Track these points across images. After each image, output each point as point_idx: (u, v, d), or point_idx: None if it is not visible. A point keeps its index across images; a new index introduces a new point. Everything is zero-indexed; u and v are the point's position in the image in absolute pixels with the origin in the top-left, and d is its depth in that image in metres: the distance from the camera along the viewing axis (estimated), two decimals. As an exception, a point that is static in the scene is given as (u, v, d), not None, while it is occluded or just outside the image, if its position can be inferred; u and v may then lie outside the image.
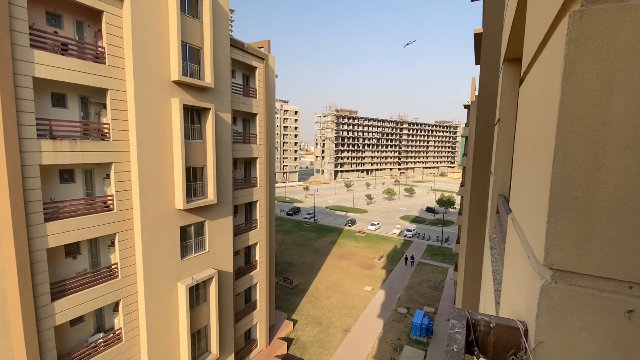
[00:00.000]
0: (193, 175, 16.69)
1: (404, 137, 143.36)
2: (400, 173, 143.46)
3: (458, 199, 67.05)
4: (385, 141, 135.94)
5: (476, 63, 16.90)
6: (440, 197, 69.51)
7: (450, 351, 1.20)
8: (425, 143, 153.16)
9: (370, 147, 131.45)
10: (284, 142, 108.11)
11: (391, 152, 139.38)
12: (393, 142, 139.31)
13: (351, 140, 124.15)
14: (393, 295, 34.55)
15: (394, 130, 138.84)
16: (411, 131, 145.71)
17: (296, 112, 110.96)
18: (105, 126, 13.59)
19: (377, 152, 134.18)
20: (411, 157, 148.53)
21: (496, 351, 1.36)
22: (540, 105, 1.32)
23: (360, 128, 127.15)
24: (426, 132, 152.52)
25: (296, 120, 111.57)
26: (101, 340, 14.14)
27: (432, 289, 36.24)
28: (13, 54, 10.47)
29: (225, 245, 19.24)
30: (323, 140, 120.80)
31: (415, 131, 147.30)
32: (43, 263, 11.73)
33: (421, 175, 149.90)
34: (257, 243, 23.27)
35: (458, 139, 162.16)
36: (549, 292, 1.09)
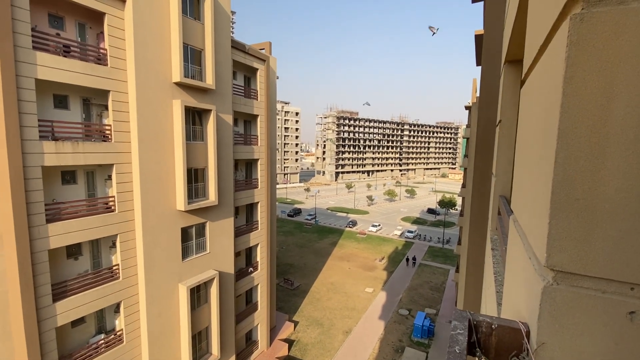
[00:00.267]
0: (194, 176, 16.72)
1: (405, 138, 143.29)
2: (401, 174, 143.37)
3: (459, 200, 66.95)
4: (386, 142, 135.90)
5: (477, 64, 16.91)
6: (441, 199, 69.50)
7: (452, 352, 1.20)
8: (426, 144, 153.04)
9: (371, 149, 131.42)
10: (285, 144, 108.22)
11: (392, 154, 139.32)
12: (394, 144, 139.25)
13: (352, 141, 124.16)
14: (394, 296, 34.48)
15: (395, 131, 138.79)
16: (412, 132, 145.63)
17: (297, 114, 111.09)
18: (107, 127, 13.63)
19: (378, 154, 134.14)
20: (412, 159, 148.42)
21: (498, 352, 1.37)
22: (541, 107, 1.32)
23: (361, 129, 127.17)
24: (427, 133, 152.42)
25: (297, 121, 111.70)
26: (102, 341, 14.15)
27: (434, 291, 36.16)
28: (16, 56, 10.52)
29: (226, 246, 19.25)
30: (324, 141, 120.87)
31: (416, 132, 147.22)
32: (45, 264, 11.76)
33: (422, 176, 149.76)
34: (258, 244, 23.27)
35: (459, 140, 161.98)
36: (551, 294, 1.09)
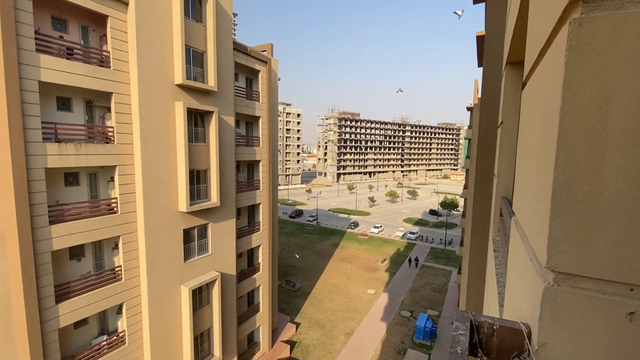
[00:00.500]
0: (196, 178, 16.77)
1: (407, 140, 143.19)
2: (403, 175, 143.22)
3: (461, 202, 66.81)
4: (388, 143, 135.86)
5: (479, 65, 16.91)
6: (443, 200, 69.40)
7: (454, 352, 1.21)
8: (428, 145, 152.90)
9: (372, 150, 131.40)
10: (287, 145, 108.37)
11: (394, 155, 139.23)
12: (396, 145, 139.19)
13: (354, 142, 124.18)
14: (396, 298, 34.40)
15: (397, 132, 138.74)
16: (414, 133, 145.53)
17: (299, 115, 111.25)
18: (109, 129, 13.70)
19: (380, 155, 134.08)
20: (414, 160, 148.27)
21: (499, 353, 1.37)
22: (541, 109, 1.33)
23: (362, 130, 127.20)
24: (429, 135, 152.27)
25: (299, 122, 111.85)
26: (105, 342, 14.18)
27: (436, 292, 36.05)
28: (19, 59, 10.60)
29: (228, 247, 19.27)
30: (325, 142, 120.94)
31: (418, 133, 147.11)
32: (47, 265, 11.81)
33: (424, 177, 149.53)
34: (260, 246, 23.28)
35: (461, 141, 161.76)
36: (552, 295, 1.10)
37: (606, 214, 0.99)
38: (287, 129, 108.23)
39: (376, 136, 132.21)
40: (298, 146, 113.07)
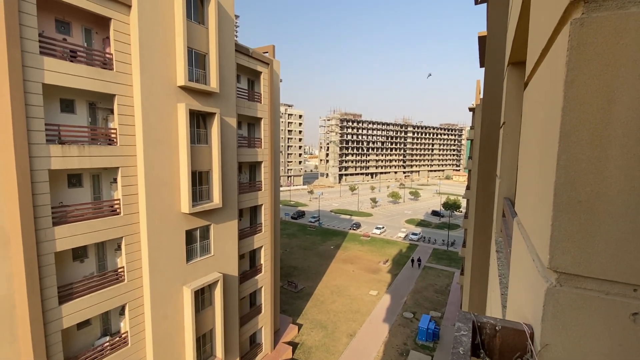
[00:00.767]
0: (199, 179, 16.82)
1: (409, 140, 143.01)
2: (405, 176, 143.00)
3: (464, 202, 66.62)
4: (389, 144, 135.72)
5: (481, 66, 16.89)
6: (445, 201, 69.19)
7: (456, 353, 1.21)
8: (430, 146, 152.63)
9: (374, 151, 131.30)
10: (289, 146, 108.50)
11: (396, 156, 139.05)
12: (398, 146, 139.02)
13: (355, 143, 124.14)
14: (399, 299, 34.31)
15: (399, 133, 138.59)
16: (416, 134, 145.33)
17: (300, 116, 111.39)
18: (112, 131, 13.77)
19: (382, 156, 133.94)
20: (416, 160, 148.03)
21: (502, 354, 1.37)
22: (543, 109, 1.33)
23: (364, 131, 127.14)
24: (431, 135, 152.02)
25: (300, 124, 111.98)
26: (107, 343, 14.22)
27: (438, 294, 35.93)
28: (23, 61, 10.68)
29: (230, 249, 19.29)
30: (327, 143, 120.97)
31: (420, 134, 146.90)
32: (51, 267, 11.86)
33: (426, 178, 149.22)
34: (262, 247, 23.30)
35: (463, 142, 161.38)
36: (554, 295, 1.09)
37: (609, 214, 0.99)
38: (289, 130, 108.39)
39: (378, 137, 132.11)
40: (300, 147, 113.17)
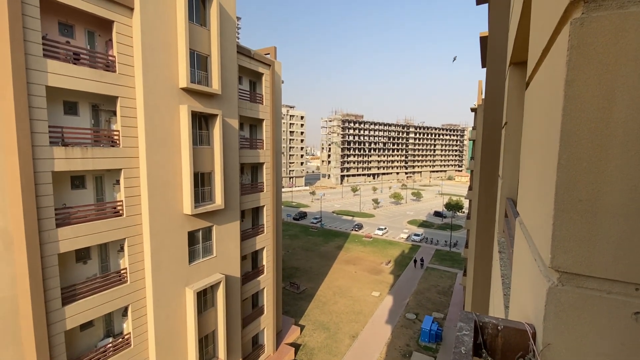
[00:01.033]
0: (201, 180, 16.86)
1: (411, 141, 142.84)
2: (407, 177, 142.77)
3: (466, 203, 66.41)
4: (391, 145, 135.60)
5: (482, 66, 16.85)
6: (448, 201, 68.96)
7: (458, 353, 1.21)
8: (432, 147, 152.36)
9: (376, 151, 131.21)
10: (290, 147, 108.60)
11: (398, 156, 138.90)
12: (399, 146, 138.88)
13: (357, 144, 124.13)
14: (401, 300, 34.22)
15: (401, 134, 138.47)
16: (418, 135, 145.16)
17: (302, 117, 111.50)
18: (115, 133, 13.83)
19: (384, 156, 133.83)
20: (418, 161, 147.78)
21: (504, 354, 1.37)
22: (544, 109, 1.33)
23: (366, 132, 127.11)
24: (433, 136, 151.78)
25: (302, 125, 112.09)
26: (110, 345, 14.25)
27: (441, 295, 35.81)
28: (27, 64, 10.76)
29: (232, 250, 19.32)
30: (329, 144, 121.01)
31: (422, 135, 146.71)
32: (54, 268, 11.91)
33: (428, 179, 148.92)
34: (264, 248, 23.31)
35: (465, 142, 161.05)
36: (556, 295, 1.09)
37: (610, 213, 0.99)
38: (291, 132, 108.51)
39: (380, 138, 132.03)
40: (302, 148, 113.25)
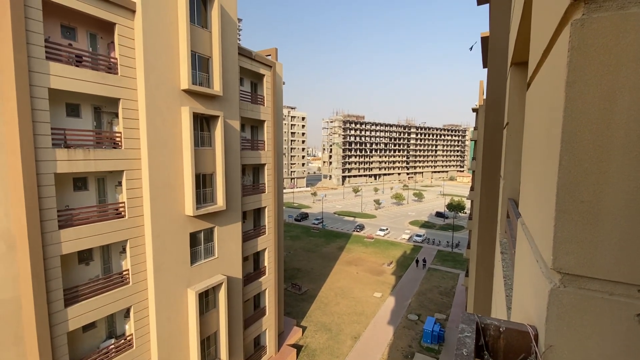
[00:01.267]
0: (203, 181, 16.89)
1: (412, 142, 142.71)
2: (408, 178, 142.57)
3: (468, 204, 66.26)
4: (393, 146, 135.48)
5: (484, 66, 16.82)
6: (450, 202, 68.87)
7: (459, 355, 1.21)
8: (433, 147, 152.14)
9: (378, 152, 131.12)
10: (292, 148, 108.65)
11: (399, 157, 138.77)
12: (401, 147, 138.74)
13: (359, 145, 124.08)
14: (403, 301, 34.14)
15: (402, 134, 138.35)
16: (419, 135, 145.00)
17: (303, 118, 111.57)
18: (117, 135, 13.88)
19: (385, 157, 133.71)
20: (419, 162, 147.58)
21: (506, 356, 1.36)
22: (545, 110, 1.33)
23: (367, 133, 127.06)
24: (434, 136, 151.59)
25: (303, 126, 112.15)
26: (113, 346, 14.28)
27: (443, 295, 35.71)
28: (29, 66, 10.82)
29: (234, 251, 19.33)
30: (330, 145, 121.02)
31: (423, 135, 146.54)
32: (57, 269, 11.95)
33: (430, 179, 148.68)
34: (266, 249, 23.32)
35: (467, 143, 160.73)
36: (558, 296, 1.09)
37: (612, 214, 0.99)
38: (292, 133, 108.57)
39: (381, 138, 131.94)
40: (303, 149, 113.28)
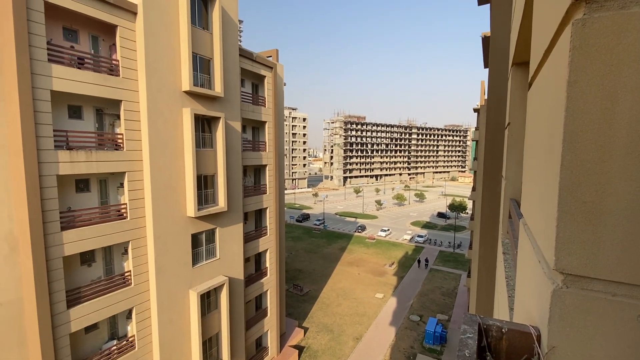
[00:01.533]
0: (204, 183, 16.92)
1: (413, 142, 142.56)
2: (410, 178, 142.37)
3: (470, 204, 66.11)
4: (394, 146, 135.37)
5: (485, 66, 16.80)
6: (451, 202, 68.73)
7: (462, 356, 1.20)
8: (435, 147, 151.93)
9: (379, 153, 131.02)
10: (293, 149, 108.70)
11: (400, 157, 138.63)
12: (402, 147, 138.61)
13: (360, 145, 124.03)
14: (405, 302, 34.07)
15: (403, 135, 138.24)
16: (420, 136, 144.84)
17: (304, 119, 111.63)
18: (119, 136, 13.93)
19: (386, 158, 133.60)
20: (421, 162, 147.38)
21: (509, 357, 1.36)
22: (547, 110, 1.33)
23: (368, 133, 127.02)
24: (436, 137, 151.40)
25: (304, 127, 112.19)
26: (115, 347, 14.30)
27: (445, 296, 35.61)
28: (32, 69, 10.87)
29: (235, 252, 19.34)
30: (331, 146, 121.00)
31: (424, 136, 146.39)
32: (59, 271, 11.99)
33: (431, 180, 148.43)
34: (267, 250, 23.32)
35: (468, 143, 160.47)
36: (561, 297, 1.08)
37: (614, 214, 0.98)
38: (293, 134, 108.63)
39: (382, 139, 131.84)
40: (304, 150, 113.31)
